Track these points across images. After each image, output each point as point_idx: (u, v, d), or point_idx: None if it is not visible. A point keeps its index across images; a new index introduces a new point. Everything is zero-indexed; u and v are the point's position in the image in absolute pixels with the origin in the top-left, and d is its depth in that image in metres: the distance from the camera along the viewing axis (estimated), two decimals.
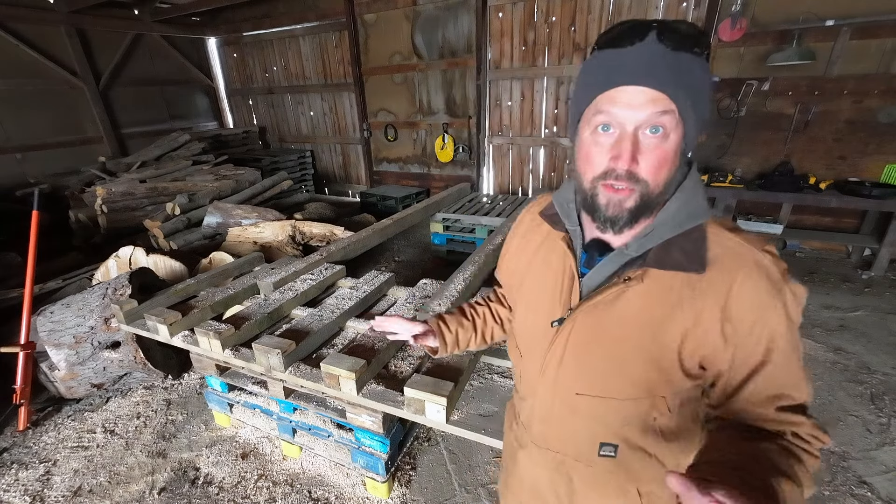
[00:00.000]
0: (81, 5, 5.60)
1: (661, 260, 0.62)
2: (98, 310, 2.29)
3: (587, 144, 0.60)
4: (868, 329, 2.91)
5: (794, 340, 0.61)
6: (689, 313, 0.60)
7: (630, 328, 0.64)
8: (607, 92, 0.56)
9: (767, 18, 3.78)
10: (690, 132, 0.58)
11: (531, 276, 0.78)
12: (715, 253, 0.61)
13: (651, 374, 0.64)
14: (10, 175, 5.42)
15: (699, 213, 0.62)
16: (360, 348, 1.51)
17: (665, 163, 0.57)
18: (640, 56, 0.53)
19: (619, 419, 0.68)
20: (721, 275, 0.59)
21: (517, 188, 5.69)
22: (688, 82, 0.54)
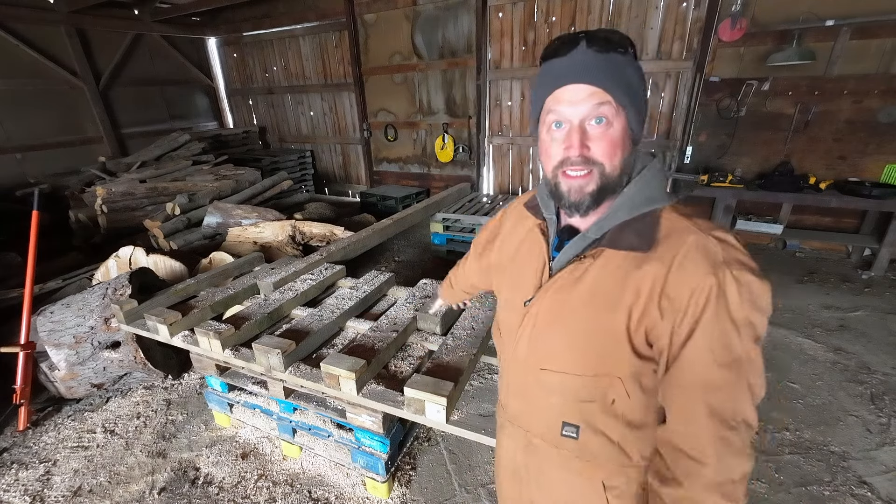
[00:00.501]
0: (81, 5, 5.60)
1: (615, 240, 0.67)
2: (98, 310, 2.29)
3: (545, 142, 0.69)
4: (868, 329, 2.91)
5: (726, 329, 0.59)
6: (632, 288, 0.64)
7: (585, 306, 0.68)
8: (553, 93, 0.65)
9: (767, 18, 3.78)
10: (633, 119, 0.65)
11: (515, 262, 0.85)
12: (664, 234, 0.65)
13: (604, 351, 0.67)
14: (10, 175, 5.42)
15: (655, 199, 0.67)
16: (360, 348, 1.51)
17: (615, 147, 0.64)
18: (574, 60, 0.63)
19: (579, 397, 0.71)
20: (664, 253, 0.63)
21: (517, 188, 5.69)
22: (618, 76, 0.62)
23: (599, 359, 0.68)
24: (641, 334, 0.65)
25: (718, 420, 0.60)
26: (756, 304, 0.59)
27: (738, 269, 0.59)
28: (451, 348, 1.51)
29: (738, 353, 0.59)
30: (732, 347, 0.59)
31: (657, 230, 0.65)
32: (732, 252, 0.61)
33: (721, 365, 0.60)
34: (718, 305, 0.59)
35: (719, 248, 0.61)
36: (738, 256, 0.61)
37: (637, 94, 0.64)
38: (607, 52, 0.62)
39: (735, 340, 0.59)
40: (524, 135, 5.37)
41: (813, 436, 2.08)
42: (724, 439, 0.60)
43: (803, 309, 3.19)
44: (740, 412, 0.60)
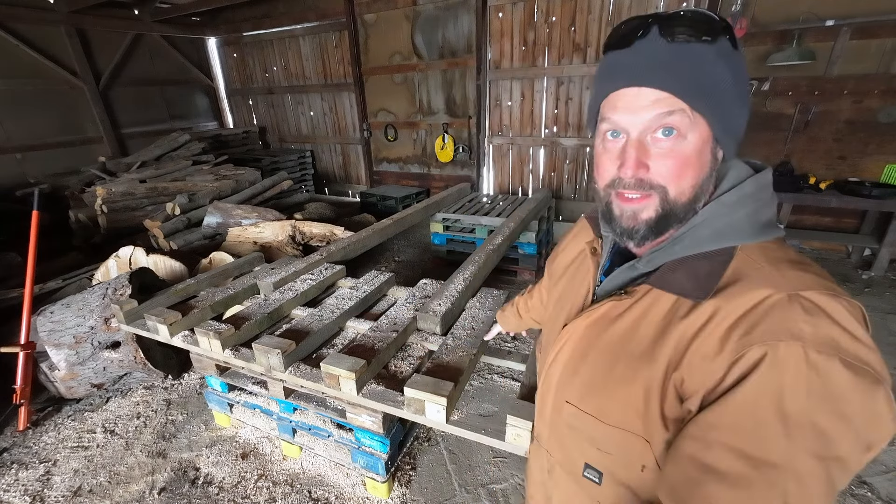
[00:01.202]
0: (81, 5, 5.60)
1: (664, 280, 0.54)
2: (98, 310, 2.29)
3: (598, 152, 0.57)
4: None
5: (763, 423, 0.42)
6: (673, 340, 0.51)
7: (616, 348, 0.57)
8: (609, 96, 0.53)
9: (767, 18, 3.78)
10: (719, 129, 0.51)
11: (567, 276, 0.76)
12: (729, 280, 0.49)
13: (629, 404, 0.55)
14: (10, 175, 5.42)
15: (733, 233, 0.52)
16: (360, 348, 1.51)
17: (686, 167, 0.51)
18: (640, 54, 0.50)
19: (598, 444, 0.60)
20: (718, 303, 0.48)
21: (517, 188, 5.69)
22: (699, 74, 0.48)
23: (623, 412, 0.56)
24: (673, 390, 0.51)
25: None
26: (838, 409, 0.41)
27: (821, 353, 0.41)
28: (451, 348, 1.51)
29: (775, 457, 0.41)
30: (768, 445, 0.42)
31: (720, 276, 0.50)
32: (825, 327, 0.43)
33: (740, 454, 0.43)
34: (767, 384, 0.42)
35: (801, 316, 0.43)
36: (834, 335, 0.42)
37: (728, 94, 0.50)
38: (687, 40, 0.48)
39: (777, 439, 0.41)
40: (524, 135, 5.37)
41: None
42: None
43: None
44: None
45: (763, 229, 0.53)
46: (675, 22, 0.48)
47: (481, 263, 2.25)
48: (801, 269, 0.49)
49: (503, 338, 2.72)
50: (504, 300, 1.89)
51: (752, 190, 0.54)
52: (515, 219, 3.37)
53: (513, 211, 3.86)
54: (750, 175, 0.55)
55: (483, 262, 2.29)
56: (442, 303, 1.76)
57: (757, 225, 0.53)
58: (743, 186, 0.54)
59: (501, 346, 1.72)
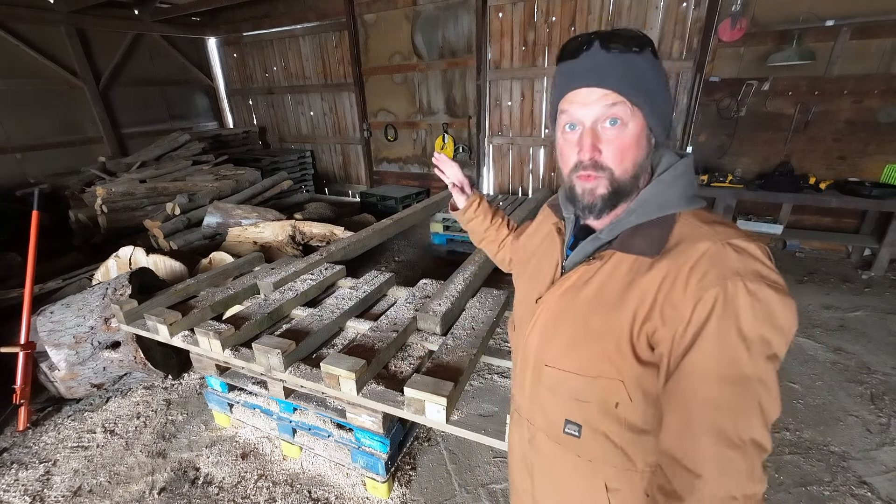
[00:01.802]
0: (81, 5, 5.60)
1: (625, 244, 0.66)
2: (98, 310, 2.29)
3: (560, 144, 0.69)
4: (868, 329, 2.91)
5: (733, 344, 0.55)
6: (637, 292, 0.63)
7: (590, 307, 0.68)
8: (566, 96, 0.66)
9: (767, 18, 3.78)
10: (651, 119, 0.64)
11: (535, 258, 0.86)
12: (676, 240, 0.62)
13: (605, 354, 0.66)
14: (10, 175, 5.42)
15: (673, 203, 0.65)
16: (360, 348, 1.51)
17: (627, 150, 0.63)
18: (587, 62, 0.63)
19: (579, 396, 0.71)
20: (673, 259, 0.61)
21: (517, 188, 5.69)
22: (632, 76, 0.61)
23: (601, 361, 0.67)
24: (644, 339, 0.63)
25: (720, 437, 0.56)
26: (773, 322, 0.55)
27: (754, 282, 0.55)
28: (451, 348, 1.51)
29: (747, 370, 0.55)
30: (740, 363, 0.55)
31: (668, 236, 0.63)
32: (751, 263, 0.57)
33: (725, 380, 0.56)
34: (725, 317, 0.55)
35: (734, 257, 0.57)
36: (757, 268, 0.56)
37: (655, 92, 0.63)
38: (622, 51, 0.61)
39: (743, 356, 0.55)
40: (524, 135, 5.36)
41: (813, 436, 2.08)
42: (725, 457, 0.56)
43: (803, 309, 3.19)
44: (746, 431, 0.56)
45: (692, 200, 0.66)
46: (611, 38, 0.62)
47: (481, 263, 2.26)
48: (725, 226, 0.62)
49: (503, 338, 2.72)
50: (504, 300, 1.89)
51: (682, 170, 0.67)
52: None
53: (513, 211, 3.85)
54: (677, 160, 0.69)
55: (483, 262, 2.29)
56: (442, 303, 1.76)
57: (688, 197, 0.66)
58: (675, 167, 0.67)
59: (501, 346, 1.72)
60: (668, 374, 0.62)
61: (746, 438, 0.56)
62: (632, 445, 0.70)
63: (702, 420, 0.57)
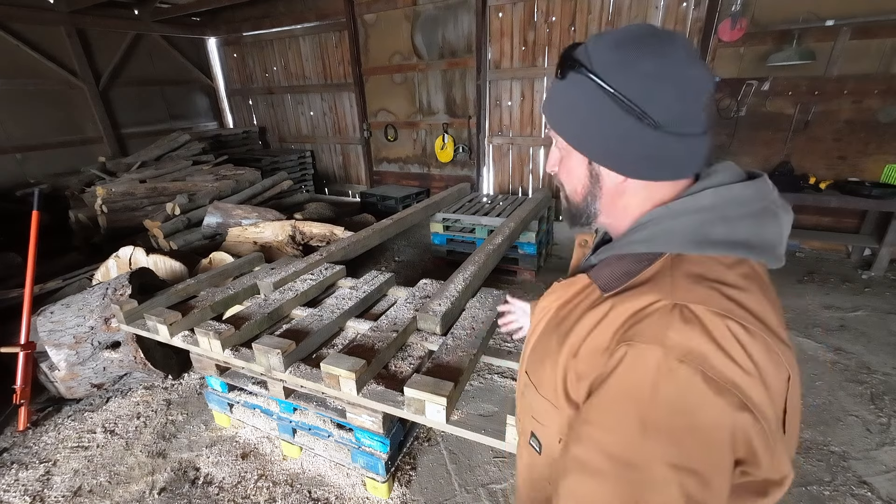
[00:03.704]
0: (81, 5, 5.60)
1: (596, 271, 0.59)
2: (98, 310, 2.29)
3: None
4: (868, 329, 2.91)
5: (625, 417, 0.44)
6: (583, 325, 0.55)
7: (556, 325, 0.62)
8: None
9: (767, 18, 3.78)
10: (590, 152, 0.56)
11: None
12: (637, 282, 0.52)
13: (553, 379, 0.58)
14: (10, 175, 5.42)
15: (667, 240, 0.52)
16: (360, 348, 1.51)
17: (569, 175, 0.62)
18: None
19: (538, 414, 0.65)
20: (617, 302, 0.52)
21: (517, 188, 5.69)
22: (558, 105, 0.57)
23: (549, 385, 0.59)
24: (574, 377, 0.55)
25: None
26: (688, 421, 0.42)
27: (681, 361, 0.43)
28: (451, 348, 1.51)
29: (634, 458, 0.43)
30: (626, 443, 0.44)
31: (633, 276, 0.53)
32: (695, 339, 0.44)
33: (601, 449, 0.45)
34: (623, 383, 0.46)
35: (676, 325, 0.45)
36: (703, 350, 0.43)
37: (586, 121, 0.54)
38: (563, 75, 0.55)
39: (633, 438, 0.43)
40: (524, 135, 5.37)
41: (813, 436, 2.08)
42: None
43: (803, 309, 3.19)
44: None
45: (703, 244, 0.50)
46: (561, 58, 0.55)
47: (481, 263, 2.26)
48: (711, 288, 0.47)
49: (503, 338, 2.72)
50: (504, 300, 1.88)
51: (709, 203, 0.51)
52: (515, 219, 3.37)
53: (513, 211, 3.85)
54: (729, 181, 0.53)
55: (483, 262, 2.29)
56: (442, 303, 1.76)
57: (697, 237, 0.51)
58: (699, 197, 0.52)
59: (501, 347, 1.72)
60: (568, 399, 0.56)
61: None
62: None
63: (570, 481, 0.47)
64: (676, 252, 0.52)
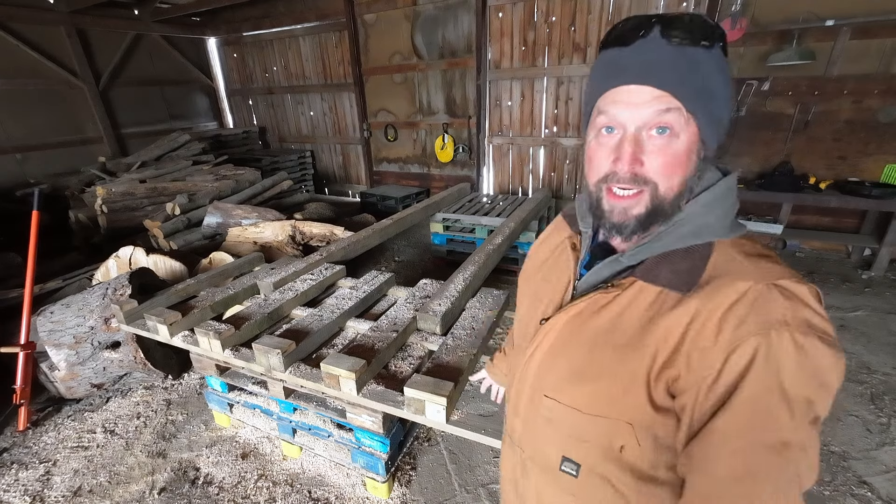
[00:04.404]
0: (81, 5, 5.60)
1: (650, 273, 0.57)
2: (98, 310, 2.29)
3: (591, 148, 0.58)
4: (868, 329, 2.91)
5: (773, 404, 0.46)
6: (661, 331, 0.54)
7: (602, 339, 0.59)
8: (608, 92, 0.55)
9: (767, 18, 3.78)
10: (706, 132, 0.54)
11: (541, 272, 0.77)
12: (711, 275, 0.53)
13: (615, 392, 0.57)
14: (10, 175, 5.42)
15: (710, 230, 0.56)
16: (360, 348, 1.51)
17: (677, 164, 0.53)
18: (641, 53, 0.51)
19: (578, 434, 0.62)
20: (706, 297, 0.52)
21: (517, 188, 5.69)
22: (694, 77, 0.51)
23: (608, 400, 0.58)
24: (663, 385, 0.54)
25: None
26: (821, 380, 0.47)
27: (805, 334, 0.47)
28: (451, 348, 1.51)
29: (788, 436, 0.46)
30: (781, 428, 0.47)
31: (702, 269, 0.54)
32: (801, 310, 0.48)
33: (761, 447, 0.47)
34: (766, 373, 0.47)
35: (781, 302, 0.48)
36: (808, 317, 0.48)
37: (718, 99, 0.53)
38: (686, 44, 0.50)
39: (785, 420, 0.46)
40: (524, 135, 5.36)
41: None
42: None
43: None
44: None
45: (733, 227, 0.57)
46: (676, 24, 0.50)
47: (481, 263, 2.25)
48: (771, 261, 0.53)
49: (503, 338, 2.72)
50: (504, 300, 1.89)
51: (723, 191, 0.58)
52: (515, 219, 3.37)
53: (513, 211, 3.85)
54: (720, 178, 0.59)
55: (483, 262, 2.29)
56: (442, 303, 1.76)
57: (728, 223, 0.57)
58: (716, 188, 0.58)
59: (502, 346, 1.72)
60: (690, 432, 0.52)
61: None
62: (636, 493, 0.61)
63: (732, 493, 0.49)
64: (719, 239, 0.56)
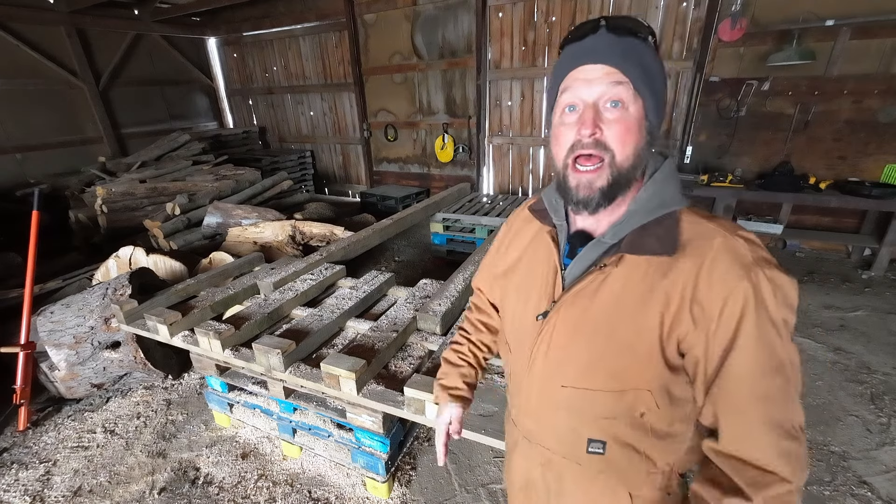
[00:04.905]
0: (81, 5, 5.60)
1: (635, 245, 0.64)
2: (98, 310, 2.29)
3: (556, 130, 0.66)
4: (868, 329, 2.91)
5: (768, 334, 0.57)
6: (661, 296, 0.61)
7: (610, 316, 0.65)
8: (569, 74, 0.64)
9: (767, 18, 3.77)
10: (650, 109, 0.62)
11: (520, 271, 0.80)
12: (687, 237, 0.62)
13: (632, 364, 0.64)
14: (10, 175, 5.42)
15: (672, 201, 0.65)
16: (360, 348, 1.51)
17: (629, 133, 0.61)
18: (593, 43, 0.62)
19: (605, 413, 0.68)
20: (691, 258, 0.60)
21: (517, 188, 5.69)
22: (636, 59, 0.61)
23: (627, 372, 0.64)
24: (674, 344, 0.62)
25: (780, 431, 0.57)
26: (790, 302, 0.58)
27: (770, 270, 0.57)
28: None
29: (782, 356, 0.57)
30: (776, 351, 0.57)
31: (678, 233, 0.63)
32: (759, 251, 0.59)
33: (769, 372, 0.57)
34: (759, 311, 0.56)
35: (748, 250, 0.59)
36: (766, 256, 0.59)
37: (655, 82, 0.62)
38: (627, 35, 0.61)
39: (777, 343, 0.57)
40: (524, 135, 5.36)
41: (813, 436, 2.08)
42: (788, 450, 0.57)
43: (803, 309, 3.19)
44: (796, 417, 0.58)
45: (685, 199, 0.66)
46: (618, 22, 0.62)
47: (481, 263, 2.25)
48: (720, 219, 0.64)
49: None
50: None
51: (671, 168, 0.68)
52: None
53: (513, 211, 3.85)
54: (662, 161, 0.69)
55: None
56: (442, 303, 1.76)
57: (681, 196, 0.66)
58: (665, 167, 0.68)
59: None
60: (707, 379, 0.61)
61: (797, 425, 0.58)
62: (655, 450, 0.69)
63: (760, 418, 0.58)
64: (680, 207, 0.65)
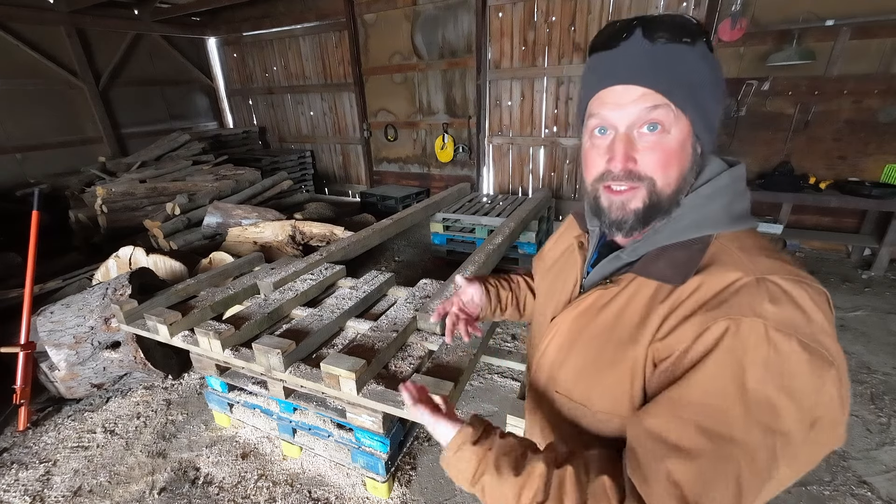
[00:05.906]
0: (81, 5, 5.60)
1: (646, 267, 0.57)
2: (98, 310, 2.29)
3: (586, 149, 0.60)
4: (868, 329, 2.91)
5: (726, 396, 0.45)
6: (656, 321, 0.54)
7: (604, 337, 0.60)
8: (597, 94, 0.56)
9: (767, 18, 3.78)
10: (699, 125, 0.54)
11: (554, 270, 0.79)
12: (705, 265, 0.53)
13: (619, 389, 0.57)
14: (10, 175, 5.42)
15: (709, 223, 0.56)
16: (360, 348, 1.51)
17: (671, 159, 0.53)
18: (625, 54, 0.53)
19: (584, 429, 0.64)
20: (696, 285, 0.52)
21: (517, 188, 5.69)
22: (679, 73, 0.51)
23: (611, 397, 0.59)
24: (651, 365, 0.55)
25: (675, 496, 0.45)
26: (788, 386, 0.44)
27: (782, 332, 0.45)
28: (451, 348, 1.51)
29: (735, 432, 0.45)
30: (729, 420, 0.45)
31: (699, 261, 0.53)
32: (789, 311, 0.46)
33: (703, 433, 0.46)
34: (730, 358, 0.46)
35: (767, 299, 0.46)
36: (795, 318, 0.45)
37: (706, 93, 0.53)
38: (669, 41, 0.51)
39: (737, 413, 0.45)
40: (524, 135, 5.37)
41: None
42: None
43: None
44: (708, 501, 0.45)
45: (737, 219, 0.56)
46: (656, 25, 0.52)
47: (481, 263, 2.25)
48: (771, 256, 0.52)
49: (503, 338, 2.71)
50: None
51: (726, 183, 0.57)
52: (515, 219, 3.37)
53: (513, 211, 3.85)
54: (724, 169, 0.59)
55: (483, 262, 2.29)
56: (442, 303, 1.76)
57: (731, 215, 0.56)
58: (718, 179, 0.57)
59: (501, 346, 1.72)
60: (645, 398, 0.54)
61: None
62: None
63: (663, 468, 0.47)
64: (719, 231, 0.55)
